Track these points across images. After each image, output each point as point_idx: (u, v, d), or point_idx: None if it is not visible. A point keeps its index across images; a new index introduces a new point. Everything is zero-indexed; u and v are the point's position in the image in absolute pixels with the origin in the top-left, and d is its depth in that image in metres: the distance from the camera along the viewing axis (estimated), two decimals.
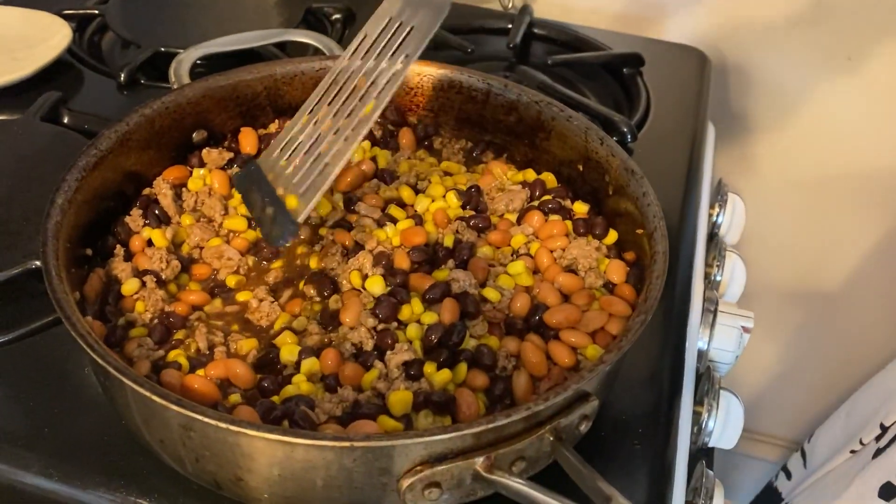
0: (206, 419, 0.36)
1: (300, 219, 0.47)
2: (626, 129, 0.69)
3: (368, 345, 0.46)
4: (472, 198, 0.55)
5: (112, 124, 0.53)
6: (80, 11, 0.83)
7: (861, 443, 0.67)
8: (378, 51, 0.50)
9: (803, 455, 0.82)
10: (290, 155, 0.50)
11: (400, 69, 0.48)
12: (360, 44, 0.52)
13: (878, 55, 0.89)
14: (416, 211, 0.55)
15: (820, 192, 1.00)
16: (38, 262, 0.53)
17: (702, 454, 0.64)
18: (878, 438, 0.64)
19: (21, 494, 0.47)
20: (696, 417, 0.60)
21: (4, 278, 0.52)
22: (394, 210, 0.54)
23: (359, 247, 0.52)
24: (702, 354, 0.64)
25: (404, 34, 0.49)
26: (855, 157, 0.96)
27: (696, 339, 0.63)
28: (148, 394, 0.37)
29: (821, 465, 0.75)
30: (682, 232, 0.67)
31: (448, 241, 0.51)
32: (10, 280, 0.52)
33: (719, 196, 0.79)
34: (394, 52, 0.49)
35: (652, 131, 0.76)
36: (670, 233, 0.49)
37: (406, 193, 0.56)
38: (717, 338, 0.64)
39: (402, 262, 0.49)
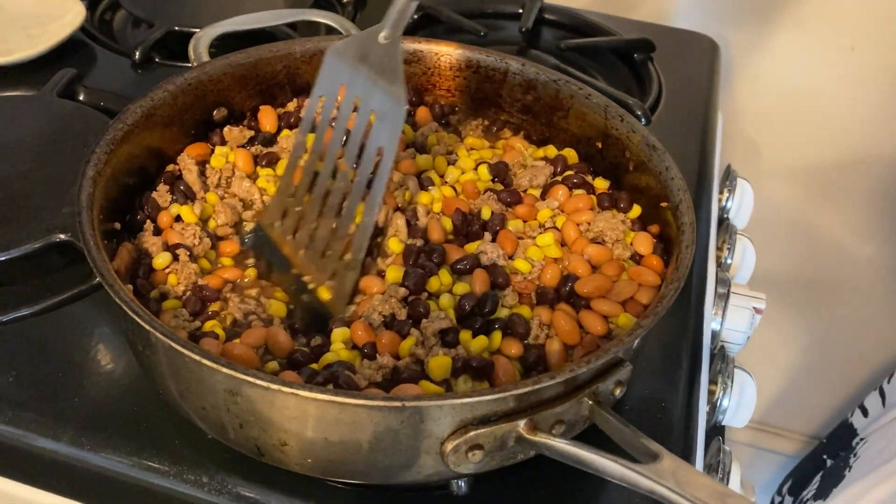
0: (258, 381, 0.37)
1: (341, 314, 0.47)
2: (640, 112, 0.70)
3: (401, 314, 0.47)
4: (500, 172, 0.56)
5: (138, 99, 0.54)
6: None
7: None
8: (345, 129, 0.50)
9: (882, 394, 0.83)
10: (295, 229, 0.50)
11: (385, 168, 0.47)
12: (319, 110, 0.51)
13: (881, 44, 0.91)
14: (446, 182, 0.55)
15: (825, 180, 1.02)
16: (62, 236, 0.54)
17: (714, 433, 0.65)
18: None
19: (52, 464, 0.47)
20: (710, 396, 0.61)
21: (29, 251, 0.52)
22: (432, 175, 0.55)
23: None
24: (715, 335, 0.65)
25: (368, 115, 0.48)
26: (860, 145, 0.98)
27: (711, 319, 0.64)
28: (198, 357, 0.38)
29: None
30: (697, 216, 0.68)
31: (485, 213, 0.52)
32: (32, 254, 0.53)
33: (728, 182, 0.80)
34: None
35: (664, 116, 0.77)
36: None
37: (441, 163, 0.56)
38: (729, 318, 0.66)
39: (435, 233, 0.50)
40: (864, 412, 0.85)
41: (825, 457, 0.97)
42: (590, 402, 0.41)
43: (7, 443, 0.47)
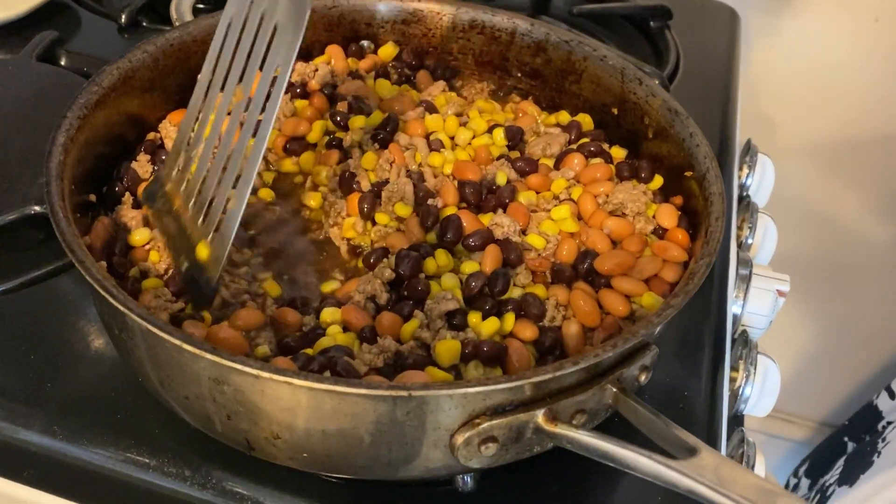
0: (246, 369, 0.33)
1: (214, 281, 0.41)
2: (658, 81, 0.66)
3: (382, 297, 0.43)
4: (515, 137, 0.51)
5: (114, 60, 0.49)
6: None
7: None
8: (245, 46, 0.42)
9: None
10: (186, 181, 0.44)
11: (274, 96, 0.39)
12: (225, 36, 0.44)
13: None
14: (457, 145, 0.51)
15: (845, 157, 0.98)
16: (36, 208, 0.49)
17: (734, 423, 0.62)
18: None
19: (24, 454, 0.43)
20: (731, 384, 0.58)
21: (2, 223, 0.48)
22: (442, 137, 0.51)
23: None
24: (736, 319, 0.62)
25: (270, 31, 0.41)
26: (883, 122, 0.94)
27: (731, 302, 0.61)
28: (179, 342, 0.34)
29: None
30: (724, 195, 0.65)
31: (500, 179, 0.48)
32: (6, 226, 0.48)
33: (748, 157, 0.76)
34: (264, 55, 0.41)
35: (682, 87, 0.73)
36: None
37: (452, 124, 0.52)
38: (751, 301, 0.62)
39: (449, 196, 0.46)
40: (892, 394, 0.82)
41: (847, 439, 0.93)
42: (614, 390, 0.37)
43: None
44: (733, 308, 0.61)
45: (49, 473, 0.44)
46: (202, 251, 0.41)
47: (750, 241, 0.72)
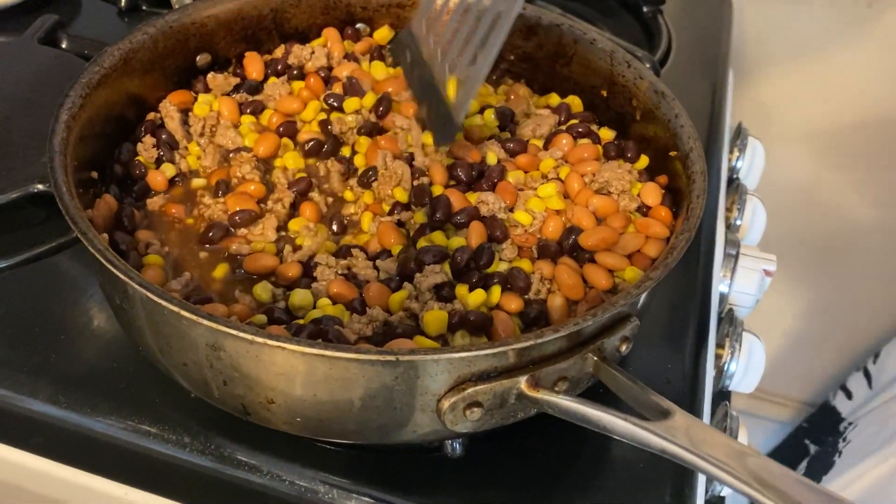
0: (242, 334, 0.34)
1: (459, 119, 0.45)
2: (649, 66, 0.67)
3: (370, 273, 0.45)
4: (506, 118, 0.53)
5: (116, 42, 0.51)
6: None
7: None
8: None
9: (867, 375, 0.80)
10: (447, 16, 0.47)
11: None
12: None
13: None
14: None
15: (836, 142, 0.99)
16: (39, 186, 0.51)
17: (720, 398, 0.63)
18: None
19: (29, 422, 0.45)
20: (717, 360, 0.59)
21: (5, 201, 0.49)
22: None
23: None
24: (723, 298, 0.63)
25: None
26: (874, 107, 0.95)
27: (719, 281, 0.62)
28: (177, 309, 0.35)
29: (889, 385, 0.73)
30: (707, 174, 0.66)
31: (491, 159, 0.49)
32: (9, 204, 0.50)
33: (739, 140, 0.78)
34: None
35: (673, 71, 0.74)
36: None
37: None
38: (738, 281, 0.63)
39: (438, 175, 0.48)
40: (848, 395, 0.82)
41: (808, 442, 0.94)
42: (594, 359, 0.38)
43: None
44: (720, 287, 0.63)
45: (54, 441, 0.46)
46: (451, 88, 0.45)
47: (739, 222, 0.73)
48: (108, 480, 0.46)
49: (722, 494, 0.52)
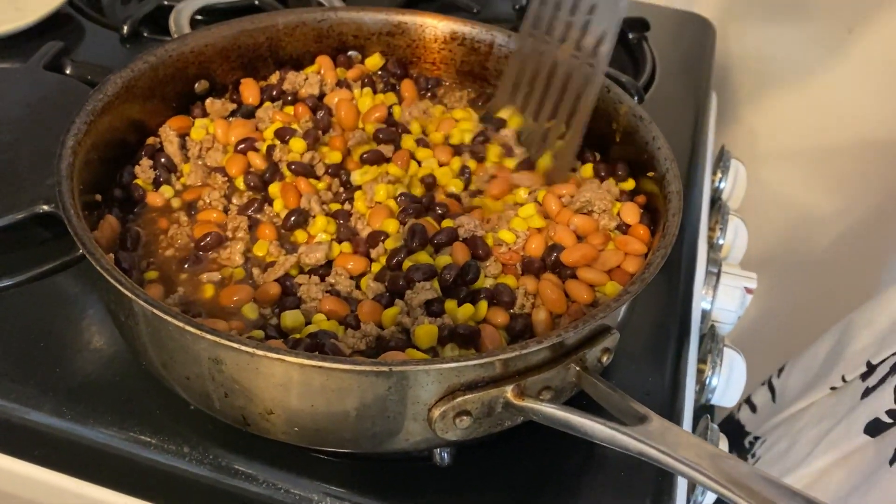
0: (243, 347, 0.36)
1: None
2: (633, 91, 0.70)
3: (355, 291, 0.47)
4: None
5: (118, 70, 0.53)
6: None
7: (843, 379, 0.68)
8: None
9: (772, 389, 0.81)
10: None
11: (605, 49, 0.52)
12: None
13: (877, 28, 0.91)
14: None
15: (820, 163, 1.02)
16: (45, 207, 0.53)
17: (703, 412, 0.66)
18: (864, 376, 0.66)
19: (34, 434, 0.47)
20: (700, 375, 0.62)
21: (12, 221, 0.51)
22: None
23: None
24: (705, 314, 0.66)
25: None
26: (856, 129, 0.98)
27: (700, 299, 0.65)
28: (182, 325, 0.37)
29: (794, 401, 0.75)
30: (688, 195, 0.69)
31: (456, 187, 0.52)
32: (16, 224, 0.52)
33: (722, 162, 0.80)
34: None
35: (657, 95, 0.77)
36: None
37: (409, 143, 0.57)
38: (720, 298, 0.66)
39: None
40: (753, 408, 0.83)
41: None
42: (577, 369, 0.41)
43: None
44: (703, 304, 0.65)
45: (57, 452, 0.48)
46: (544, 162, 0.55)
47: (721, 241, 0.76)
48: (109, 490, 0.48)
49: None
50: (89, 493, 0.48)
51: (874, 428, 0.61)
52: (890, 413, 0.60)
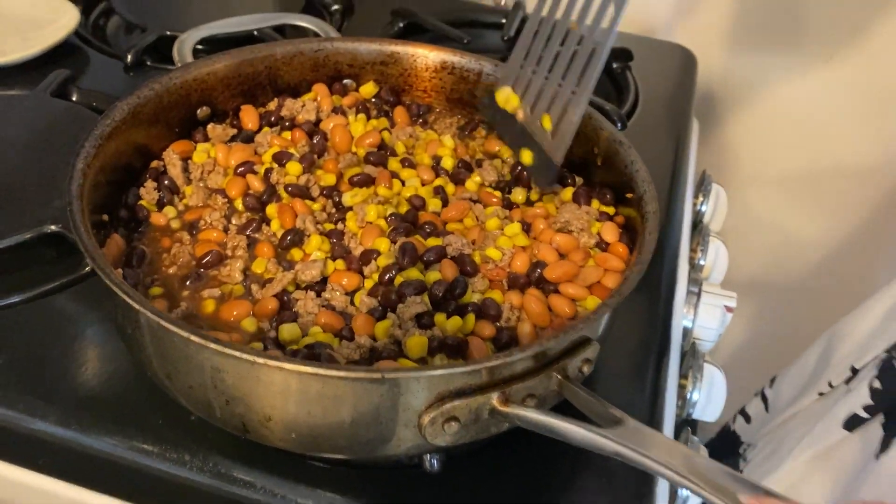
0: (244, 356, 0.39)
1: (559, 159, 0.54)
2: (616, 118, 0.74)
3: (347, 306, 0.50)
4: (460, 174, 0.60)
5: (125, 97, 0.56)
6: None
7: (830, 385, 0.71)
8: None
9: (764, 399, 0.84)
10: (532, 70, 0.57)
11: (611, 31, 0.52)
12: None
13: (855, 56, 0.96)
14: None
15: (802, 188, 1.06)
16: (53, 227, 0.55)
17: (685, 425, 0.68)
18: (848, 381, 0.69)
19: (39, 444, 0.49)
20: (681, 391, 0.64)
21: (20, 241, 0.54)
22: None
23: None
24: (686, 332, 0.68)
25: None
26: (836, 155, 1.02)
27: (682, 317, 0.68)
28: (186, 335, 0.39)
29: (784, 409, 0.78)
30: (669, 218, 0.72)
31: (435, 206, 0.56)
32: (24, 243, 0.54)
33: (703, 187, 0.84)
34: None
35: (640, 123, 0.81)
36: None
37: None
38: (701, 316, 0.69)
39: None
40: (747, 418, 0.87)
41: None
42: (559, 377, 0.43)
43: None
44: (684, 322, 0.68)
45: (62, 461, 0.50)
46: (546, 121, 0.55)
47: (702, 262, 0.79)
48: (112, 498, 0.50)
49: None
50: (92, 500, 0.50)
51: (852, 423, 0.64)
52: (867, 408, 0.63)
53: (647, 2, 1.00)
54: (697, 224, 0.84)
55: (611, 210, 0.56)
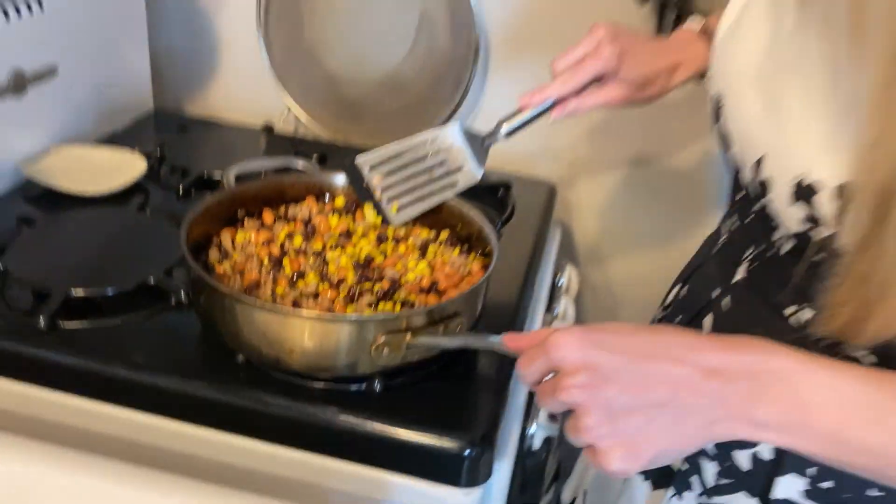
0: (279, 310, 0.79)
1: (396, 224, 0.98)
2: (497, 221, 1.19)
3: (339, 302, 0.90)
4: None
5: (199, 202, 0.98)
6: (149, 151, 1.30)
7: None
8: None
9: None
10: (386, 174, 0.97)
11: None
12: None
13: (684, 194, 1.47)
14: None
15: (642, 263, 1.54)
16: (152, 279, 0.96)
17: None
18: None
19: (124, 382, 0.86)
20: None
21: (126, 289, 0.94)
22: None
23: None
24: None
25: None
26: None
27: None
28: (250, 304, 0.80)
29: None
30: (527, 286, 1.14)
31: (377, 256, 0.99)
32: (131, 291, 0.95)
33: (560, 267, 1.29)
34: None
35: (513, 227, 1.25)
36: (520, 286, 1.02)
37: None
38: None
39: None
40: None
41: None
42: (443, 328, 0.84)
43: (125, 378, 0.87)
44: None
45: (142, 397, 0.87)
46: (394, 208, 0.99)
47: (556, 312, 1.22)
48: (176, 420, 0.86)
49: (533, 448, 0.96)
50: (165, 426, 0.85)
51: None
52: None
53: (527, 150, 1.48)
54: (554, 290, 1.27)
55: (480, 259, 0.99)
